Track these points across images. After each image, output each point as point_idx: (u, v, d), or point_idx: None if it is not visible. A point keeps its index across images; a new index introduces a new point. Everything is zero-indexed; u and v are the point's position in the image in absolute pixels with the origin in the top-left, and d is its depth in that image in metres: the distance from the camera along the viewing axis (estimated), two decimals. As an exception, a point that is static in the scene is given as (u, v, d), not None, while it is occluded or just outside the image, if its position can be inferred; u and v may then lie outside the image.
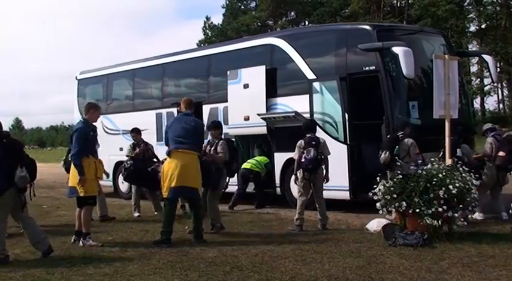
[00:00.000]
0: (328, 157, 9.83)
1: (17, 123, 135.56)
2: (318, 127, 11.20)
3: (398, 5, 53.27)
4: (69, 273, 6.86)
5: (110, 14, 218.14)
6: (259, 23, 58.70)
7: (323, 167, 9.75)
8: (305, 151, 9.66)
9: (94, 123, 9.27)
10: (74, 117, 18.88)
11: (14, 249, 8.27)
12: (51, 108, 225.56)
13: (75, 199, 8.87)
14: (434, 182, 8.25)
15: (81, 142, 8.67)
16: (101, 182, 11.18)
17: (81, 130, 8.79)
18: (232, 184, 12.23)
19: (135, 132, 12.44)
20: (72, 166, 8.77)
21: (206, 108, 14.80)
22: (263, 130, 13.23)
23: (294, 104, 12.78)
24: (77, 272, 6.88)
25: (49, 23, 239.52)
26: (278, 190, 13.12)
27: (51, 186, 13.63)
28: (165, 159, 9.07)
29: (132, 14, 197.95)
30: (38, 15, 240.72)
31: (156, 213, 11.85)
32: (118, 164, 16.40)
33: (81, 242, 8.68)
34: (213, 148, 9.80)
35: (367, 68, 11.52)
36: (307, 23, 55.07)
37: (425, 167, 8.64)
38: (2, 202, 7.62)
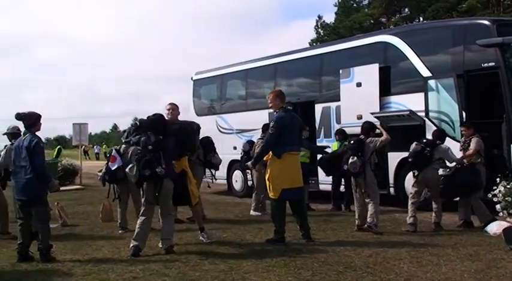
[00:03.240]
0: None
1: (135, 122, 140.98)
2: (434, 127, 10.93)
3: (520, -3, 50.77)
4: (186, 268, 7.05)
5: (217, 16, 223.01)
6: (372, 21, 57.76)
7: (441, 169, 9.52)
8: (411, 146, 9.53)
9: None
10: (189, 117, 19.43)
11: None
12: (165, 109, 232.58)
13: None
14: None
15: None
16: (216, 181, 11.48)
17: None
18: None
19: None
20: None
21: (318, 108, 14.82)
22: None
23: (409, 102, 12.52)
24: (194, 268, 7.06)
25: (160, 26, 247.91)
26: (392, 190, 12.89)
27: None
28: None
29: (237, 16, 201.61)
30: (150, 19, 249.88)
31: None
32: (232, 163, 16.76)
33: (200, 236, 8.99)
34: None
35: (486, 65, 11.09)
36: (421, 19, 53.67)
37: None
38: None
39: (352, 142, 9.78)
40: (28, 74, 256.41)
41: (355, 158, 9.36)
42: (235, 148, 16.56)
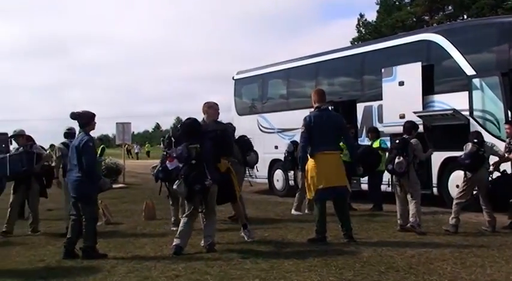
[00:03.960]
0: (491, 156, 9.43)
1: (178, 123, 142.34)
2: (478, 126, 10.76)
3: None
4: (227, 267, 7.08)
5: (257, 16, 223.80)
6: (414, 19, 57.02)
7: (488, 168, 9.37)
8: (464, 146, 9.39)
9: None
10: (231, 116, 19.53)
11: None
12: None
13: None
14: None
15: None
16: (257, 180, 11.49)
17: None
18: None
19: None
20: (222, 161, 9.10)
21: (360, 107, 14.74)
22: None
23: (452, 101, 12.34)
24: (235, 267, 7.09)
25: (202, 26, 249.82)
26: (435, 189, 12.74)
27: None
28: None
29: (278, 15, 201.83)
30: (193, 19, 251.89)
31: (306, 211, 11.96)
32: (273, 162, 16.78)
33: (241, 232, 9.05)
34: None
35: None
36: (465, 17, 52.81)
37: None
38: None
39: (397, 141, 9.69)
40: (71, 74, 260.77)
41: (401, 158, 9.29)
42: (276, 147, 16.59)
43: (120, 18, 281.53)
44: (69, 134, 10.48)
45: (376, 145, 12.76)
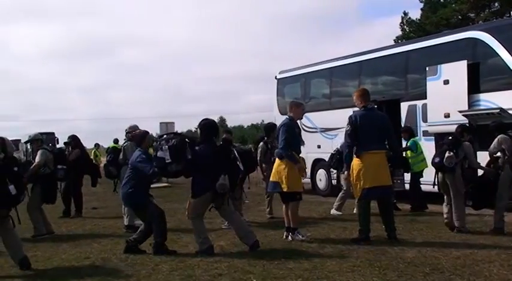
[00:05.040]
0: None
1: (222, 122, 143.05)
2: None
3: None
4: (270, 266, 7.09)
5: (297, 15, 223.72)
6: (459, 16, 56.07)
7: None
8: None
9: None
10: (274, 116, 19.53)
11: (220, 241, 8.77)
12: (249, 108, 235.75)
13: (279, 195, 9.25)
14: None
15: (288, 135, 8.93)
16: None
17: (287, 125, 9.08)
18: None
19: None
20: (276, 161, 9.10)
21: (404, 106, 14.59)
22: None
23: (499, 100, 12.10)
24: (278, 266, 7.10)
25: (243, 26, 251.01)
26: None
27: (252, 182, 14.20)
28: None
29: (318, 15, 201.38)
30: (233, 19, 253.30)
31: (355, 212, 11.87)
32: (316, 162, 16.74)
33: (289, 236, 8.97)
34: None
35: None
36: (512, 14, 51.77)
37: None
38: (202, 199, 8.27)
39: (450, 137, 9.57)
40: (114, 75, 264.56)
41: (452, 153, 9.22)
42: (319, 147, 16.55)
43: (161, 19, 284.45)
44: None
45: (419, 148, 12.64)
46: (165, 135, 8.45)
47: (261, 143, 12.15)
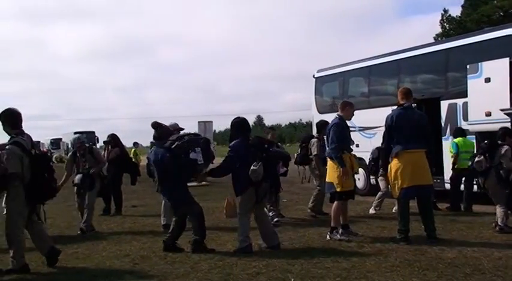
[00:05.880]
0: None
1: (259, 121, 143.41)
2: None
3: None
4: (308, 265, 7.08)
5: (334, 14, 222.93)
6: (501, 13, 55.16)
7: None
8: None
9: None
10: (312, 115, 19.48)
11: (259, 239, 8.78)
12: (286, 106, 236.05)
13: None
14: None
15: (339, 135, 8.95)
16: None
17: (338, 125, 9.07)
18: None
19: None
20: (328, 161, 9.10)
21: (444, 105, 14.40)
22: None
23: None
24: (316, 265, 7.08)
25: (280, 25, 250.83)
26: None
27: (291, 181, 14.19)
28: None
29: (355, 13, 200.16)
30: (271, 18, 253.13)
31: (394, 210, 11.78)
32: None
33: (328, 235, 8.97)
34: None
35: None
36: (557, 9, 50.64)
37: None
38: (246, 195, 8.23)
39: (486, 142, 9.57)
40: (152, 74, 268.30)
41: (482, 157, 9.29)
42: (357, 146, 16.39)
43: (198, 19, 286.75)
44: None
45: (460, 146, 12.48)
46: (186, 137, 8.52)
47: (314, 140, 12.10)
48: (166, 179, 8.30)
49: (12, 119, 7.40)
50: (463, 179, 12.42)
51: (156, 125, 8.60)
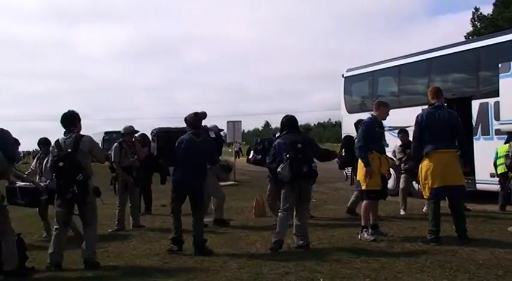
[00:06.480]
0: None
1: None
2: None
3: None
4: (337, 266, 7.05)
5: (362, 13, 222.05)
6: (533, 11, 54.36)
7: None
8: None
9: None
10: (341, 114, 19.41)
11: (288, 239, 8.76)
12: (315, 106, 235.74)
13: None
14: None
15: (366, 135, 8.93)
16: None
17: (367, 124, 9.05)
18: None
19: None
20: (359, 160, 9.11)
21: (475, 104, 14.23)
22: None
23: None
24: (345, 265, 7.05)
25: (308, 24, 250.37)
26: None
27: (319, 181, 14.14)
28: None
29: (384, 13, 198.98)
30: (299, 18, 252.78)
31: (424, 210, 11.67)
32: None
33: (359, 235, 8.95)
34: None
35: None
36: None
37: None
38: (287, 190, 8.31)
39: None
40: (179, 74, 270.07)
41: None
42: (387, 145, 16.29)
43: (224, 19, 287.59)
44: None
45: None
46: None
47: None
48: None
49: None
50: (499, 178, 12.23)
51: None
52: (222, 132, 9.92)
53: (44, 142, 10.53)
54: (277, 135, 9.38)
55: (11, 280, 6.95)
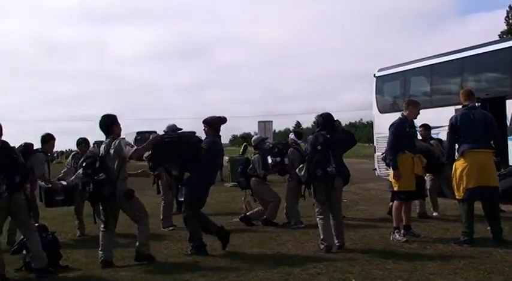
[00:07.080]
0: None
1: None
2: None
3: None
4: (369, 267, 7.02)
5: (392, 13, 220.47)
6: None
7: None
8: None
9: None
10: (372, 114, 19.29)
11: (317, 240, 8.75)
12: (346, 106, 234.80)
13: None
14: None
15: (394, 136, 8.89)
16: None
17: (396, 126, 9.01)
18: None
19: None
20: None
21: (510, 103, 14.03)
22: None
23: None
24: (377, 266, 7.01)
25: (337, 24, 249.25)
26: None
27: (351, 181, 14.07)
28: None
29: (413, 12, 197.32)
30: (327, 18, 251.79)
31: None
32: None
33: (391, 236, 8.90)
34: None
35: None
36: None
37: None
38: (319, 189, 8.28)
39: None
40: (210, 75, 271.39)
41: None
42: (418, 145, 16.18)
43: (256, 19, 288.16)
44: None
45: None
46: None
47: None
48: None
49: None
50: None
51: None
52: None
53: (82, 142, 10.86)
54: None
55: (42, 278, 7.08)
